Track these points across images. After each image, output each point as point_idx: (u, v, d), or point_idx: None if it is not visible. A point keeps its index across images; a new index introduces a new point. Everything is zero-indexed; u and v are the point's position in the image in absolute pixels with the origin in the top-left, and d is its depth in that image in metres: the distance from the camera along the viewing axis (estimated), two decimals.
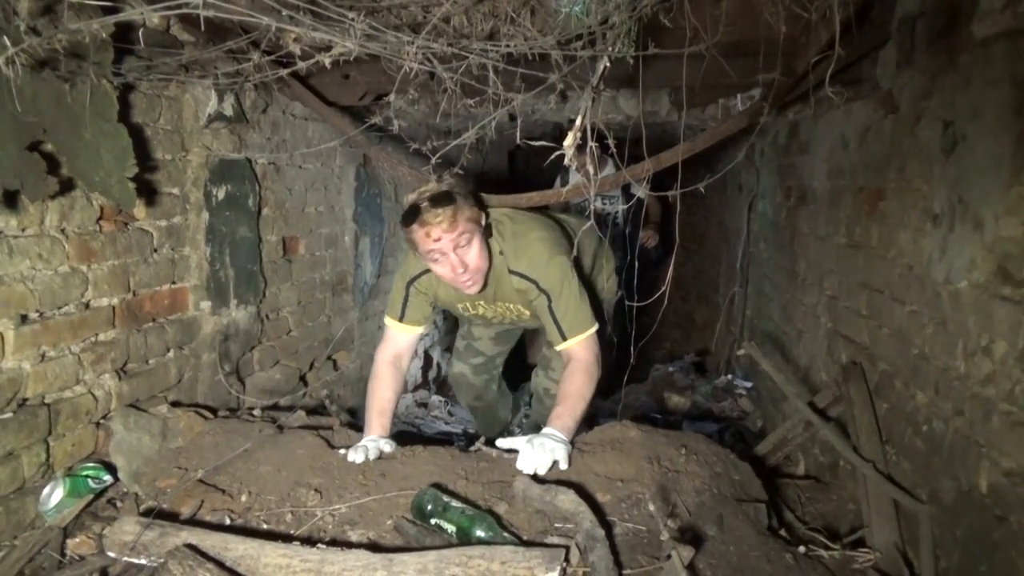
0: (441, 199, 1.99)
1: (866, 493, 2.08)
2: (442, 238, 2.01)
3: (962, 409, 1.74)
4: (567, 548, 1.55)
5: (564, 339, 2.20)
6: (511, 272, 2.20)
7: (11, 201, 1.76)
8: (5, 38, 1.33)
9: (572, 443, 2.07)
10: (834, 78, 1.82)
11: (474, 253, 2.09)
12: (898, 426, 2.11)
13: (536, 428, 2.55)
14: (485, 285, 2.22)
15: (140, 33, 1.39)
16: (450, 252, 2.04)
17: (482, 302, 2.39)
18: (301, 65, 1.97)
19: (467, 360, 2.95)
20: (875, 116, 2.36)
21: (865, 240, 2.41)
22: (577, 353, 2.20)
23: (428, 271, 2.23)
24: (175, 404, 2.39)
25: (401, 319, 2.37)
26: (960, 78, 1.78)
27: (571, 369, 2.19)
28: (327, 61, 1.99)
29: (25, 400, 1.89)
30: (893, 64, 2.18)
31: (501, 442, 2.12)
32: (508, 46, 1.75)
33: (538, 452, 1.92)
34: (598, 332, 2.26)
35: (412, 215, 2.01)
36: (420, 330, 2.41)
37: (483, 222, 2.15)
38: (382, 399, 2.34)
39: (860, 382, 2.31)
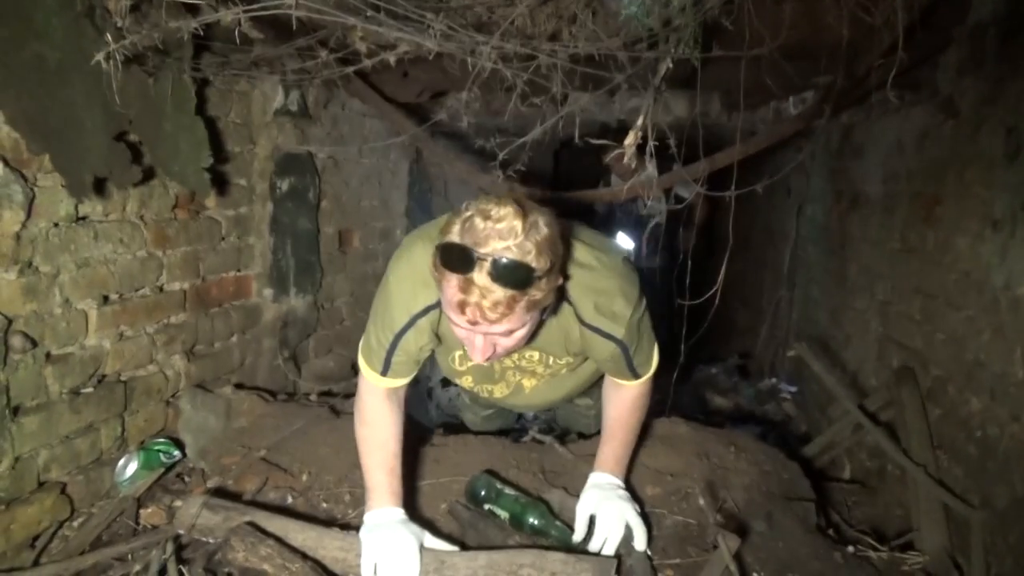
0: (510, 275, 1.26)
1: (916, 497, 2.09)
2: (481, 324, 1.33)
3: (1019, 415, 1.74)
4: (619, 559, 1.58)
5: (637, 378, 1.73)
6: (584, 324, 1.57)
7: (99, 188, 1.86)
8: (108, 35, 1.43)
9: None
10: (893, 82, 1.83)
11: (515, 340, 1.43)
12: (950, 431, 2.11)
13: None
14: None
15: (236, 32, 1.46)
16: (480, 335, 1.39)
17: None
18: (367, 63, 2.05)
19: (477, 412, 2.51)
20: (934, 121, 2.35)
21: (920, 245, 2.40)
22: (639, 384, 1.77)
23: (438, 306, 1.53)
24: (238, 386, 2.50)
25: (384, 373, 1.64)
26: None
27: (629, 395, 1.77)
28: (392, 59, 2.07)
29: (104, 376, 2.01)
30: (954, 69, 2.18)
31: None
32: (576, 47, 1.79)
33: (609, 528, 1.64)
34: None
35: (456, 262, 1.28)
36: (409, 380, 1.71)
37: (554, 296, 1.42)
38: (386, 453, 1.64)
39: (912, 387, 2.30)
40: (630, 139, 1.77)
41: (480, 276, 1.25)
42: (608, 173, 4.58)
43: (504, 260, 1.24)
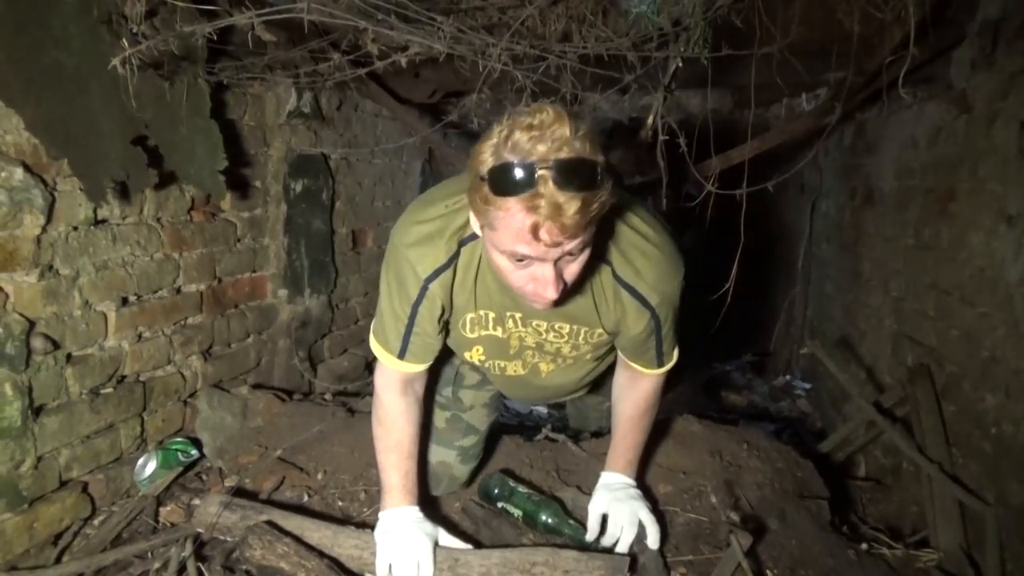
0: (576, 175, 1.10)
1: (930, 494, 2.08)
2: (562, 244, 1.16)
3: None
4: (632, 557, 1.58)
5: (660, 366, 1.66)
6: (620, 283, 1.47)
7: (117, 191, 1.89)
8: (124, 41, 1.45)
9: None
10: (906, 78, 1.82)
11: (580, 263, 1.26)
12: (965, 428, 2.10)
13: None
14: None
15: (249, 36, 1.48)
16: (551, 263, 1.20)
17: (518, 314, 1.54)
18: (379, 64, 2.07)
19: (453, 442, 1.94)
20: (947, 116, 2.33)
21: (934, 241, 2.39)
22: (656, 377, 1.71)
23: (450, 267, 1.46)
24: (254, 386, 2.53)
25: (401, 356, 1.57)
26: None
27: (643, 391, 1.71)
28: (403, 61, 2.08)
29: (123, 377, 2.04)
30: (968, 64, 2.16)
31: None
32: (585, 47, 1.80)
33: (621, 526, 1.64)
34: None
35: (514, 182, 1.10)
36: (427, 367, 1.65)
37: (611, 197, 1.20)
38: (401, 454, 1.62)
39: (927, 384, 2.29)
40: (640, 138, 1.77)
41: (546, 187, 1.09)
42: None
43: (568, 160, 1.09)
